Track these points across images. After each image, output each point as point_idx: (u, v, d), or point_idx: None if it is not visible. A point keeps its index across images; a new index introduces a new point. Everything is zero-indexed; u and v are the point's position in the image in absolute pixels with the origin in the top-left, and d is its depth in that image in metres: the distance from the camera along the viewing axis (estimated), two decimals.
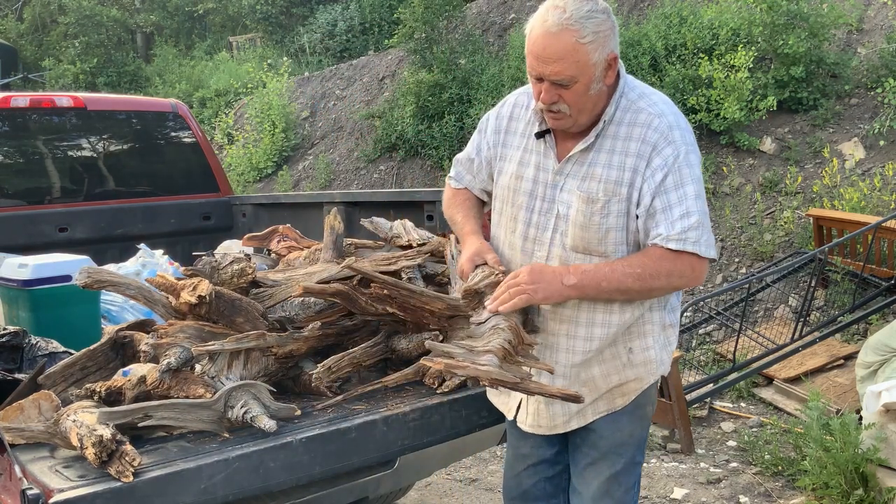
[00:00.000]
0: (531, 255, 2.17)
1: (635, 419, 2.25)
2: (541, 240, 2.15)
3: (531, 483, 2.40)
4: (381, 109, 11.24)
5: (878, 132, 7.25)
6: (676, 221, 2.00)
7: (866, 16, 8.36)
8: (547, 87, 2.01)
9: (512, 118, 2.29)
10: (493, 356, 1.88)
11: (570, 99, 2.01)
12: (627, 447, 2.26)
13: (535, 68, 2.01)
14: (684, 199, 2.02)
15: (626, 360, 2.17)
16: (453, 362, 1.85)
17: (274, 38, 16.28)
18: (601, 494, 2.25)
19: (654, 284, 2.02)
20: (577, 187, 2.09)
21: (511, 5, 11.61)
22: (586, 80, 1.99)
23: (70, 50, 17.69)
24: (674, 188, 2.02)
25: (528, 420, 2.28)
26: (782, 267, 6.37)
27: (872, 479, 3.86)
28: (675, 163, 2.03)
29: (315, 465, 2.12)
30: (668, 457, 4.88)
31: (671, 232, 1.99)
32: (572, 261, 2.11)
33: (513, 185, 2.21)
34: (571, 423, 2.24)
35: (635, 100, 2.11)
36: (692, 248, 2.00)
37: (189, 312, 2.35)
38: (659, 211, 2.02)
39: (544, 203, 2.15)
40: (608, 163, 2.07)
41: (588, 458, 2.27)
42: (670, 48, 8.41)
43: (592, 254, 2.08)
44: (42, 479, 1.83)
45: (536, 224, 2.16)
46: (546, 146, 2.17)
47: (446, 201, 2.45)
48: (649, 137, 2.05)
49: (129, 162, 4.91)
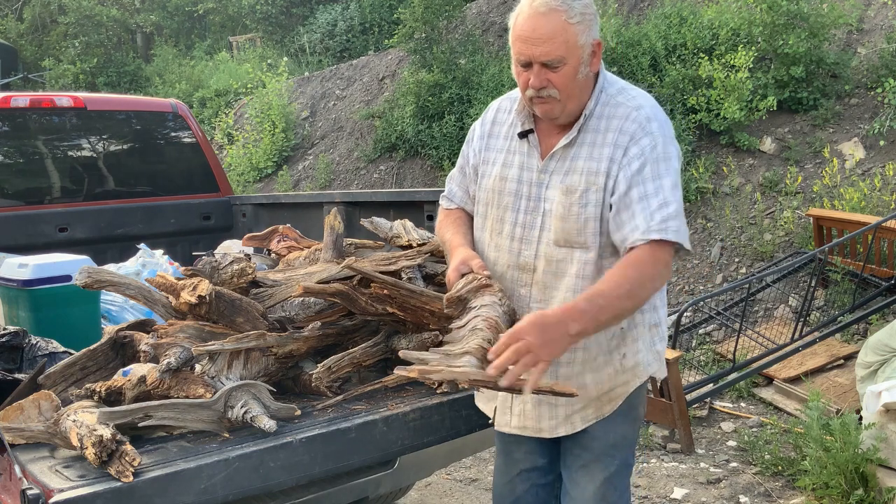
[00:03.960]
0: (518, 255, 2.15)
1: (628, 421, 2.24)
2: (528, 238, 2.14)
3: (524, 489, 2.38)
4: (381, 109, 11.24)
5: (878, 132, 7.25)
6: (655, 212, 1.97)
7: (866, 16, 8.36)
8: (536, 70, 2.00)
9: (495, 122, 2.28)
10: (471, 357, 1.81)
11: (560, 82, 2.01)
12: (620, 449, 2.24)
13: (524, 52, 2.00)
14: (661, 190, 1.99)
15: (619, 366, 2.16)
16: (427, 368, 1.77)
17: (274, 38, 16.27)
18: (597, 499, 2.22)
19: (643, 294, 1.98)
20: (560, 182, 2.09)
21: (511, 5, 11.54)
22: (574, 63, 2.00)
23: (70, 50, 17.68)
24: (651, 178, 2.00)
25: (514, 421, 2.24)
26: (782, 267, 6.37)
27: (872, 479, 3.86)
28: (652, 152, 2.02)
29: (315, 465, 2.12)
30: (668, 457, 4.88)
31: (651, 223, 1.96)
32: (556, 255, 2.09)
33: (497, 187, 2.20)
34: (559, 429, 2.21)
35: (614, 94, 2.12)
36: (673, 237, 1.97)
37: (189, 312, 2.36)
38: (635, 201, 1.99)
39: (530, 202, 2.14)
40: (588, 155, 2.08)
41: (580, 460, 2.25)
42: (670, 48, 8.41)
43: (574, 245, 2.07)
44: (42, 479, 1.83)
45: (523, 223, 2.15)
46: (529, 146, 2.17)
47: (438, 223, 2.42)
48: (626, 128, 2.05)
49: (130, 162, 4.91)
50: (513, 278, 2.17)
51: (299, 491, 2.23)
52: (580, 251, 2.07)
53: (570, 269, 2.09)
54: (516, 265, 2.16)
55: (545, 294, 2.13)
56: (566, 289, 2.09)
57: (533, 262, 2.13)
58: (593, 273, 2.07)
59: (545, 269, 2.12)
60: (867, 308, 5.89)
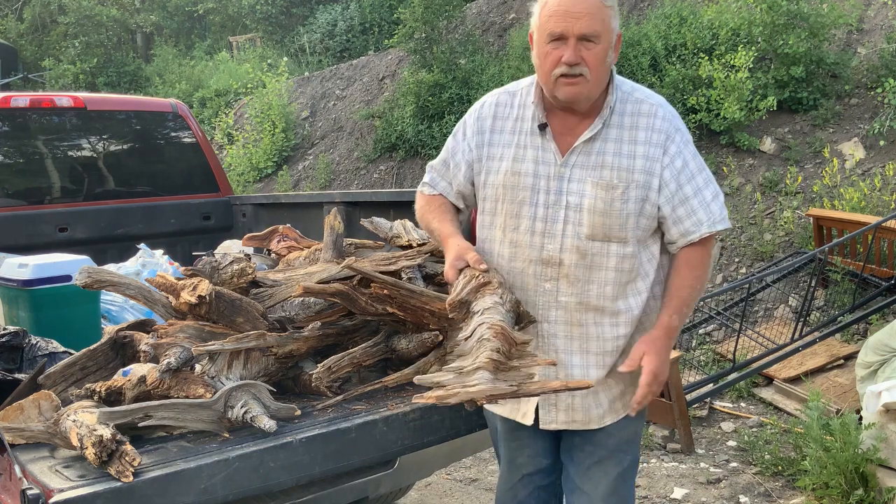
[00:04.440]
0: (541, 249, 2.14)
1: (638, 416, 2.27)
2: (551, 232, 2.13)
3: (526, 493, 2.40)
4: (381, 109, 11.24)
5: (878, 132, 7.25)
6: (711, 203, 2.12)
7: (866, 16, 8.36)
8: (573, 44, 2.02)
9: (497, 117, 2.26)
10: (484, 371, 1.80)
11: (592, 61, 2.03)
12: (632, 444, 2.28)
13: (560, 25, 2.02)
14: (710, 182, 2.15)
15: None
16: (443, 392, 1.75)
17: (274, 38, 16.27)
18: (609, 493, 2.25)
19: (704, 290, 2.18)
20: (590, 175, 2.11)
21: (511, 5, 11.61)
22: (606, 44, 2.06)
23: (70, 50, 17.67)
24: (698, 171, 2.14)
25: (561, 417, 2.23)
26: (782, 267, 6.36)
27: (872, 479, 3.86)
28: (687, 148, 2.15)
29: (315, 465, 2.12)
30: (668, 457, 4.88)
31: (713, 215, 2.11)
32: (589, 249, 2.10)
33: (510, 182, 2.18)
34: (606, 418, 2.22)
35: (630, 91, 2.18)
36: (727, 225, 2.16)
37: (189, 312, 2.36)
38: (691, 196, 2.11)
39: (550, 196, 2.13)
40: (617, 151, 2.11)
41: (594, 456, 2.26)
42: (670, 48, 8.41)
43: (612, 240, 2.10)
44: (42, 479, 1.83)
45: (544, 217, 2.14)
46: (545, 139, 2.16)
47: (420, 209, 2.38)
48: (658, 126, 2.12)
49: (130, 162, 4.91)
50: (535, 273, 2.15)
51: (299, 491, 2.23)
52: (617, 245, 2.10)
53: (607, 262, 2.11)
54: (539, 260, 2.15)
55: (577, 287, 2.13)
56: (603, 282, 2.12)
57: (558, 256, 2.12)
58: (631, 266, 2.12)
59: (577, 263, 2.12)
60: (867, 308, 5.89)
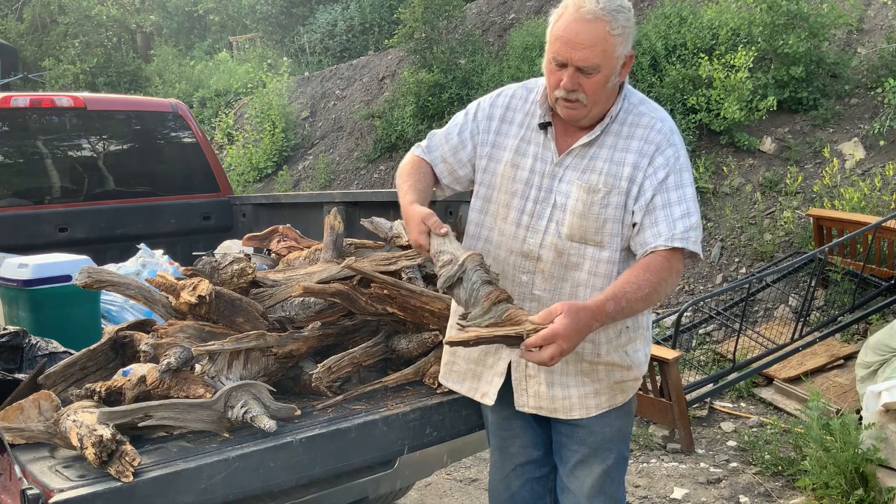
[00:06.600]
0: (522, 242, 2.18)
1: (622, 414, 2.29)
2: (535, 227, 2.18)
3: (519, 484, 2.41)
4: (381, 109, 11.23)
5: (878, 132, 7.25)
6: (678, 220, 2.05)
7: (866, 16, 8.36)
8: (571, 73, 2.04)
9: (509, 108, 2.30)
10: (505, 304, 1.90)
11: (589, 88, 2.05)
12: (616, 442, 2.28)
13: (562, 53, 2.03)
14: (684, 200, 2.08)
15: (628, 362, 2.23)
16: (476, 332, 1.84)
17: (274, 38, 16.26)
18: (595, 492, 2.26)
19: (656, 299, 2.05)
20: (578, 178, 2.14)
21: (511, 5, 11.60)
22: (607, 72, 2.05)
23: (70, 50, 17.66)
24: (675, 188, 2.09)
25: (531, 402, 2.25)
26: (782, 267, 6.36)
27: (872, 479, 3.85)
28: (675, 164, 2.11)
29: (315, 465, 2.12)
30: (668, 457, 4.88)
31: (674, 231, 2.04)
32: (566, 249, 2.13)
33: (508, 173, 2.23)
34: (573, 412, 2.23)
35: (637, 104, 2.20)
36: (693, 247, 2.06)
37: (189, 312, 2.36)
38: (659, 207, 2.07)
39: (540, 192, 2.18)
40: (609, 157, 2.13)
41: (577, 454, 2.28)
42: (670, 48, 8.41)
43: (588, 242, 2.12)
44: (42, 479, 1.83)
45: (531, 212, 2.19)
46: (546, 138, 2.20)
47: (404, 165, 2.36)
48: (652, 138, 2.12)
49: (129, 162, 4.91)
50: (514, 264, 2.20)
51: (299, 491, 2.23)
52: (593, 248, 2.12)
53: (582, 264, 2.14)
54: (520, 252, 2.19)
55: (551, 284, 2.17)
56: (576, 283, 2.15)
57: (537, 251, 2.17)
58: (606, 271, 2.13)
59: (554, 260, 2.15)
60: (867, 308, 5.89)
